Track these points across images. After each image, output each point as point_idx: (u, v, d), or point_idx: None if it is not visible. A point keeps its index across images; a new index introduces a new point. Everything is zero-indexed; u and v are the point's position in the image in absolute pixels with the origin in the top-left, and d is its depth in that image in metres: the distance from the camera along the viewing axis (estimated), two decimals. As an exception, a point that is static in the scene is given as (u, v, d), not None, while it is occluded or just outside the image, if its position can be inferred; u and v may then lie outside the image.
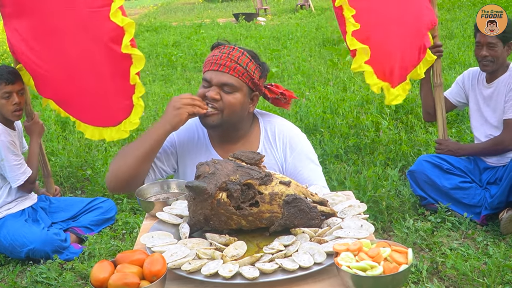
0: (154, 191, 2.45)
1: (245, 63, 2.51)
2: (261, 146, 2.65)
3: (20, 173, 4.04)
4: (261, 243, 1.98)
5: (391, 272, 1.56)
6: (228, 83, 2.47)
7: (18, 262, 4.04)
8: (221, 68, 2.47)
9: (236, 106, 2.50)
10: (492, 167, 4.30)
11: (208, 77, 2.49)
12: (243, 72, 2.50)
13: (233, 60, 2.48)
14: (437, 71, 4.34)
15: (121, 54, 3.68)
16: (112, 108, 3.99)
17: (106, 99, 3.96)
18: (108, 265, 1.69)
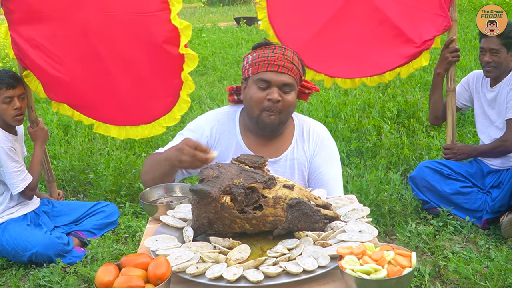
0: (158, 195, 2.45)
1: (297, 62, 2.58)
2: (294, 142, 2.72)
3: (20, 180, 4.03)
4: (265, 247, 1.98)
5: (395, 276, 1.57)
6: (287, 83, 2.53)
7: (21, 266, 4.04)
8: (280, 69, 2.51)
9: (293, 105, 2.59)
10: (496, 171, 4.30)
11: (268, 78, 2.51)
12: (297, 72, 2.57)
13: (289, 60, 2.53)
14: (451, 76, 4.34)
15: (174, 54, 3.83)
16: (150, 106, 4.13)
17: (144, 98, 4.10)
18: (113, 268, 1.69)
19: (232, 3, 31.36)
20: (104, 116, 4.26)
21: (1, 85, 3.99)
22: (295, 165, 2.71)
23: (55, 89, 4.15)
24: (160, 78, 4.00)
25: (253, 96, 2.55)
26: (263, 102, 2.52)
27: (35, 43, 4.00)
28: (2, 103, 4.01)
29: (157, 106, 4.12)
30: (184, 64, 3.86)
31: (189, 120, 6.89)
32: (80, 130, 6.78)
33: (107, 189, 5.11)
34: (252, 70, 2.56)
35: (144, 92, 4.08)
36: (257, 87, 2.54)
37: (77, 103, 4.22)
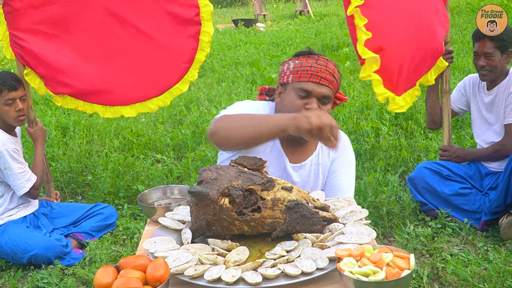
0: (156, 197, 2.46)
1: (337, 76, 2.60)
2: (319, 147, 2.75)
3: (25, 180, 4.03)
4: (263, 249, 1.99)
5: (394, 278, 1.57)
6: (327, 96, 2.55)
7: (19, 267, 4.03)
8: (322, 81, 2.52)
9: None
10: (494, 173, 4.30)
11: (309, 88, 2.51)
12: (336, 84, 2.59)
13: (330, 73, 2.55)
14: (446, 77, 4.34)
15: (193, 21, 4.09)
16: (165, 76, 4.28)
17: (160, 69, 4.25)
18: (112, 270, 1.70)
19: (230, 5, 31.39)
20: (115, 98, 4.36)
21: (4, 87, 3.99)
22: (320, 170, 2.75)
23: (62, 79, 4.22)
24: (177, 46, 4.19)
25: (292, 103, 2.55)
26: (301, 111, 2.50)
27: (45, 35, 4.11)
28: (4, 105, 4.01)
29: (172, 74, 4.28)
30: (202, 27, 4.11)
31: (187, 123, 6.91)
32: (78, 132, 6.78)
33: (105, 191, 5.10)
34: (293, 77, 2.57)
35: (161, 62, 4.23)
36: (297, 95, 2.54)
37: (84, 91, 4.30)
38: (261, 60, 11.42)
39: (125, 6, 4.09)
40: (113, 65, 4.24)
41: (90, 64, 4.21)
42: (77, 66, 4.20)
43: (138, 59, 4.21)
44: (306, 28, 17.05)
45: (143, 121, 7.29)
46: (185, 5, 4.09)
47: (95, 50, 4.19)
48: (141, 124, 7.15)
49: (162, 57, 4.21)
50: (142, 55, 4.21)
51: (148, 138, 6.50)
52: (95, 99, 4.34)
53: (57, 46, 4.13)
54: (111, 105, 4.38)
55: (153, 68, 4.25)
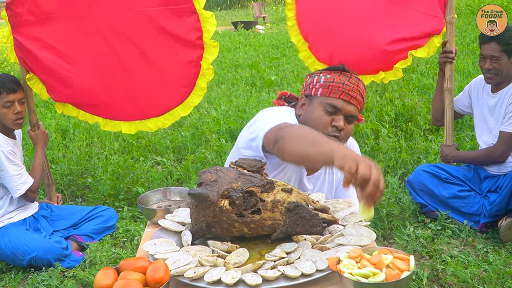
0: (156, 199, 2.46)
1: (365, 96, 2.64)
2: None
3: (21, 183, 4.03)
4: (263, 250, 1.99)
5: (394, 279, 1.57)
6: (354, 115, 2.58)
7: (20, 270, 4.03)
8: (352, 100, 2.55)
9: (351, 134, 2.66)
10: (493, 176, 4.30)
11: (339, 106, 2.53)
12: (362, 105, 2.62)
13: (360, 93, 2.58)
14: (446, 76, 4.35)
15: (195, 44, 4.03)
16: (164, 98, 4.24)
17: (159, 90, 4.21)
18: (112, 272, 1.70)
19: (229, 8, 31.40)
20: (114, 113, 4.34)
21: (2, 89, 3.99)
22: (334, 178, 2.79)
23: (63, 89, 4.20)
24: (178, 69, 4.13)
25: (318, 118, 2.55)
26: (328, 127, 2.53)
27: (44, 44, 4.08)
28: (2, 108, 4.01)
29: (171, 97, 4.24)
30: (204, 52, 4.04)
31: (186, 125, 6.91)
32: (78, 135, 6.78)
33: (105, 193, 5.10)
34: (323, 91, 2.57)
35: (160, 85, 4.19)
36: (325, 110, 2.55)
37: (84, 102, 4.29)
38: (260, 62, 11.43)
39: (128, 25, 4.04)
40: (112, 81, 4.19)
41: (88, 78, 4.17)
42: (75, 79, 4.16)
43: (137, 78, 4.17)
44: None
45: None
46: (187, 28, 4.03)
47: (94, 64, 4.14)
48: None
49: (161, 79, 4.17)
50: (142, 74, 4.16)
51: (148, 140, 6.51)
52: (95, 111, 4.34)
53: (53, 55, 4.10)
54: (110, 119, 4.37)
55: (152, 88, 4.21)
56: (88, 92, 4.21)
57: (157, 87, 4.19)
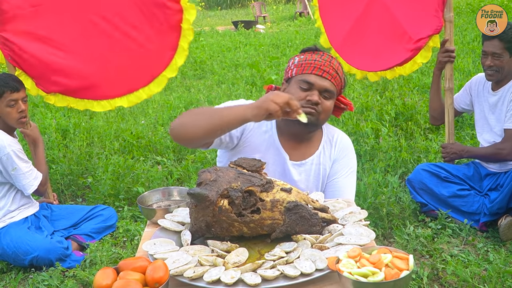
0: (156, 199, 2.46)
1: (341, 73, 2.64)
2: (321, 147, 2.76)
3: (32, 178, 4.07)
4: (262, 250, 1.99)
5: (393, 278, 1.57)
6: (328, 90, 2.57)
7: (20, 270, 4.03)
8: (325, 75, 2.56)
9: (329, 111, 2.63)
10: (493, 173, 4.30)
11: (311, 80, 2.55)
12: (339, 82, 2.63)
13: (334, 69, 2.59)
14: (447, 75, 4.35)
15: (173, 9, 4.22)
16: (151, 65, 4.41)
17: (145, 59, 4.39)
18: (111, 272, 1.70)
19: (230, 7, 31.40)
20: (106, 91, 4.46)
21: (6, 88, 3.99)
22: (320, 170, 2.76)
23: (52, 77, 4.30)
24: (161, 35, 4.30)
25: (293, 95, 2.53)
26: (301, 101, 2.54)
27: (34, 36, 4.18)
28: (6, 106, 4.02)
29: (157, 63, 4.41)
30: (183, 14, 4.22)
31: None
32: (78, 135, 6.78)
33: (105, 193, 5.11)
34: (297, 70, 2.61)
35: (145, 53, 4.36)
36: (299, 87, 2.57)
37: (75, 86, 4.39)
38: (261, 62, 11.42)
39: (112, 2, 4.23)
40: (101, 59, 4.34)
41: (78, 60, 4.30)
42: (66, 63, 4.29)
43: (124, 51, 4.34)
44: (306, 30, 17.05)
45: (143, 123, 7.29)
46: None
47: (82, 46, 4.29)
48: (141, 126, 7.15)
49: (147, 47, 4.34)
50: (128, 47, 4.34)
51: (148, 140, 6.50)
52: (85, 94, 4.43)
53: (45, 45, 4.22)
54: (102, 99, 4.47)
55: (140, 58, 4.37)
56: (77, 74, 4.33)
57: (143, 55, 4.36)
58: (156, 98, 8.97)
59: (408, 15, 4.35)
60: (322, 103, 2.56)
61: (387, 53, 4.55)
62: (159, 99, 8.89)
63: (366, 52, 4.73)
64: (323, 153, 2.76)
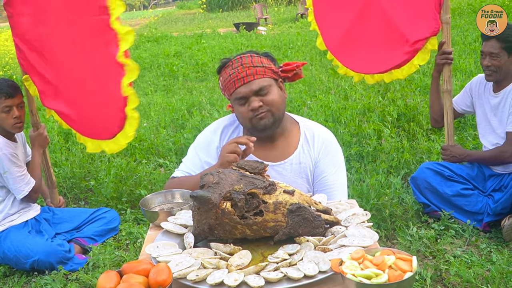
0: (158, 201, 2.46)
1: (259, 61, 2.62)
2: (300, 146, 2.76)
3: (24, 184, 4.05)
4: (265, 252, 1.98)
5: (396, 280, 1.57)
6: (260, 87, 2.58)
7: (23, 273, 4.04)
8: (246, 79, 2.57)
9: (277, 100, 2.62)
10: (498, 174, 4.29)
11: (241, 94, 2.58)
12: (264, 70, 2.61)
13: (250, 66, 2.59)
14: (445, 77, 4.34)
15: (117, 63, 3.50)
16: (106, 120, 3.79)
17: (100, 111, 3.81)
18: (114, 275, 1.70)
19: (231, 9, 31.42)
20: (79, 127, 4.02)
21: (0, 94, 3.99)
22: (301, 169, 2.75)
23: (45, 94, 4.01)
24: (108, 89, 3.68)
25: (240, 114, 2.65)
26: (249, 114, 2.59)
27: (31, 45, 3.96)
28: (1, 112, 4.02)
29: (112, 120, 3.75)
30: (124, 76, 3.52)
31: (189, 127, 6.92)
32: (80, 137, 6.77)
33: (108, 196, 5.11)
34: (227, 93, 2.66)
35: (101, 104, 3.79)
36: (239, 105, 2.62)
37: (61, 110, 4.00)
38: (262, 64, 11.39)
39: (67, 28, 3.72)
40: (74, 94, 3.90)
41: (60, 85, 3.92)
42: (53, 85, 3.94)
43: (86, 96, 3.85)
44: (307, 31, 17.02)
45: (145, 126, 7.30)
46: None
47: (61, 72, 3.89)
48: (144, 129, 7.15)
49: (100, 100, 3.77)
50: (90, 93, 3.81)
51: (151, 142, 6.51)
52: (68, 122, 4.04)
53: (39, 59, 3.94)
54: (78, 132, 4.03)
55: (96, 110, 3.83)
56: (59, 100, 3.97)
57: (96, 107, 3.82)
58: (158, 100, 8.98)
59: (405, 17, 4.29)
60: (265, 100, 2.58)
61: (383, 56, 4.47)
62: (161, 102, 8.90)
63: (363, 54, 4.66)
64: (302, 152, 2.75)
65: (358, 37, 4.58)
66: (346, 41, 4.68)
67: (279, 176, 2.72)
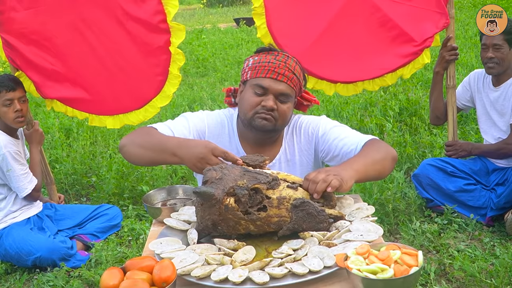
0: (161, 197, 2.45)
1: (299, 72, 2.51)
2: (284, 144, 2.65)
3: (27, 182, 4.03)
4: (270, 248, 1.98)
5: (402, 275, 1.56)
6: (285, 93, 2.45)
7: (25, 270, 4.03)
8: (279, 77, 2.43)
9: (288, 115, 2.51)
10: (501, 168, 4.28)
11: (266, 85, 2.43)
12: (297, 82, 2.50)
13: (290, 69, 2.46)
14: (450, 73, 4.32)
15: (161, 28, 3.93)
16: (141, 89, 4.15)
17: (135, 81, 4.14)
18: (118, 272, 1.69)
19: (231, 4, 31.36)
20: (97, 108, 4.31)
21: (1, 87, 3.98)
22: (289, 166, 2.65)
23: (49, 84, 4.20)
24: (149, 56, 4.05)
25: (248, 100, 2.48)
26: (257, 107, 2.45)
27: (28, 39, 4.07)
28: (2, 106, 4.00)
29: (148, 87, 4.15)
30: (171, 37, 3.94)
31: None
32: (82, 134, 6.77)
33: (110, 192, 5.10)
34: (251, 73, 2.49)
35: (135, 75, 4.13)
36: (254, 92, 2.46)
37: (70, 97, 4.26)
38: (263, 59, 11.38)
39: (97, 15, 4.02)
40: (92, 75, 4.17)
41: (71, 72, 4.17)
42: (59, 73, 4.17)
43: (113, 70, 4.14)
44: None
45: (147, 122, 7.27)
46: (150, 12, 3.95)
47: (74, 58, 4.13)
48: (145, 124, 7.12)
49: (136, 68, 4.12)
50: (117, 66, 4.13)
51: (152, 138, 6.48)
52: (81, 106, 4.31)
53: (40, 51, 4.11)
54: (96, 114, 4.35)
55: (129, 79, 4.16)
56: (72, 86, 4.20)
57: (132, 77, 4.14)
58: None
59: (406, 15, 4.22)
60: (278, 108, 2.45)
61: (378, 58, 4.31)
62: (162, 98, 8.86)
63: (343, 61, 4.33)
64: (288, 148, 2.64)
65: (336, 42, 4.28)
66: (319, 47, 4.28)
67: None
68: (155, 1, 3.90)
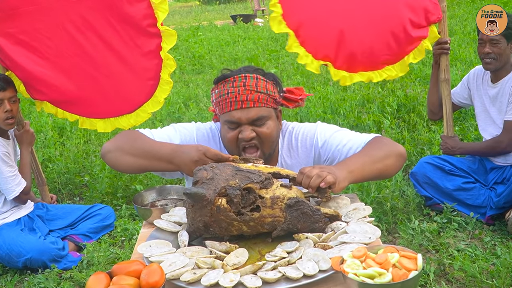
0: (152, 198, 2.40)
1: (264, 87, 2.34)
2: (280, 159, 2.53)
3: (15, 184, 3.96)
4: (263, 250, 1.92)
5: (401, 279, 1.50)
6: (257, 117, 2.31)
7: (16, 272, 3.98)
8: (245, 105, 2.29)
9: (273, 133, 2.36)
10: (499, 167, 4.23)
11: (235, 118, 2.30)
12: (267, 98, 2.34)
13: (253, 90, 2.30)
14: (442, 66, 4.27)
15: (151, 33, 3.85)
16: (132, 93, 4.07)
17: (125, 85, 4.05)
18: (104, 277, 1.64)
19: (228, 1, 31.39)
20: (88, 110, 4.21)
21: None
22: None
23: (38, 86, 4.09)
24: (140, 60, 3.97)
25: (226, 137, 2.37)
26: (237, 141, 2.34)
27: (16, 39, 3.95)
28: None
29: (139, 92, 4.07)
30: (161, 42, 3.87)
31: (185, 120, 6.85)
32: (75, 132, 6.73)
33: (103, 191, 5.05)
34: (219, 110, 2.37)
35: (126, 78, 4.03)
36: (228, 128, 2.35)
37: (60, 99, 4.15)
38: (260, 56, 11.36)
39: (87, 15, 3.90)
40: (82, 77, 4.05)
41: (60, 74, 4.04)
42: (48, 75, 4.03)
43: (104, 73, 4.02)
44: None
45: (137, 127, 7.22)
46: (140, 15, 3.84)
47: (63, 60, 4.01)
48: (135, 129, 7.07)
49: (127, 71, 4.01)
50: (108, 69, 4.01)
51: (147, 136, 6.43)
52: (71, 108, 4.20)
53: (28, 52, 3.98)
54: (87, 117, 4.24)
55: (120, 82, 4.05)
56: (61, 88, 4.08)
57: (123, 80, 4.05)
58: (154, 93, 8.89)
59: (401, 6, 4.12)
60: (258, 132, 2.32)
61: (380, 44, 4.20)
62: (158, 95, 8.81)
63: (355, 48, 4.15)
64: (285, 163, 2.53)
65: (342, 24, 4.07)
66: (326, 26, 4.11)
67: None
68: (145, 4, 3.81)
